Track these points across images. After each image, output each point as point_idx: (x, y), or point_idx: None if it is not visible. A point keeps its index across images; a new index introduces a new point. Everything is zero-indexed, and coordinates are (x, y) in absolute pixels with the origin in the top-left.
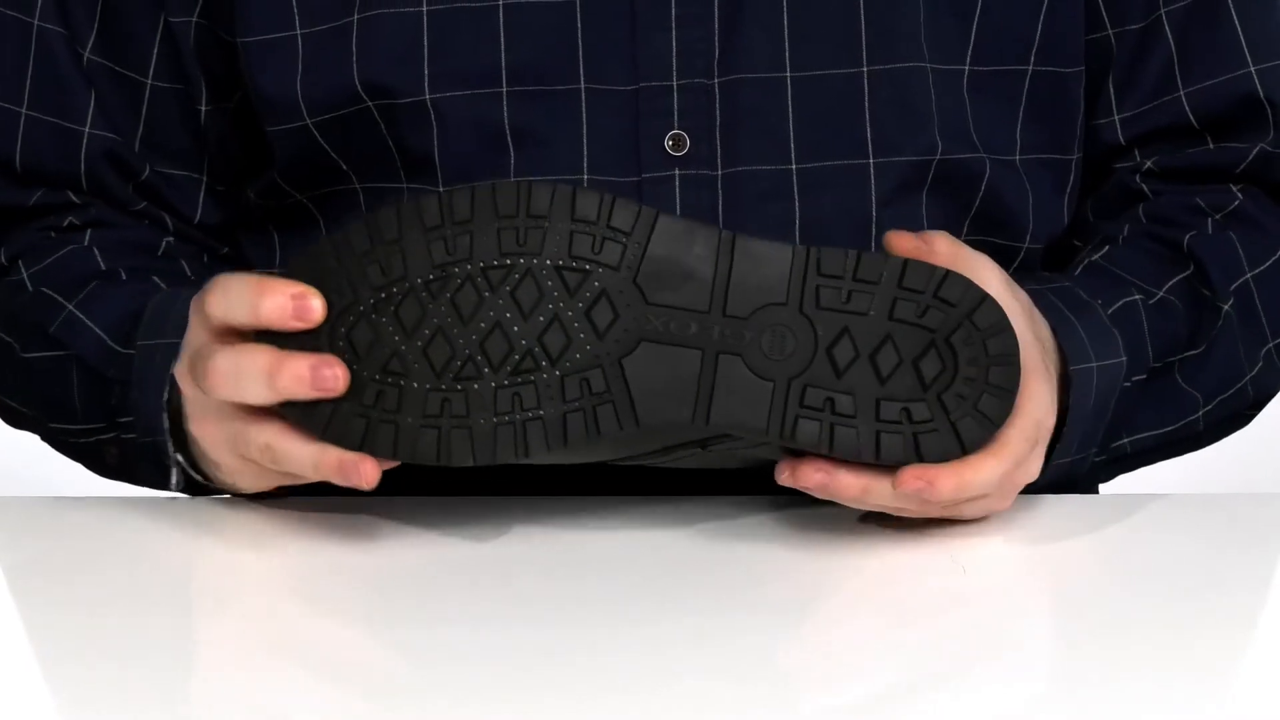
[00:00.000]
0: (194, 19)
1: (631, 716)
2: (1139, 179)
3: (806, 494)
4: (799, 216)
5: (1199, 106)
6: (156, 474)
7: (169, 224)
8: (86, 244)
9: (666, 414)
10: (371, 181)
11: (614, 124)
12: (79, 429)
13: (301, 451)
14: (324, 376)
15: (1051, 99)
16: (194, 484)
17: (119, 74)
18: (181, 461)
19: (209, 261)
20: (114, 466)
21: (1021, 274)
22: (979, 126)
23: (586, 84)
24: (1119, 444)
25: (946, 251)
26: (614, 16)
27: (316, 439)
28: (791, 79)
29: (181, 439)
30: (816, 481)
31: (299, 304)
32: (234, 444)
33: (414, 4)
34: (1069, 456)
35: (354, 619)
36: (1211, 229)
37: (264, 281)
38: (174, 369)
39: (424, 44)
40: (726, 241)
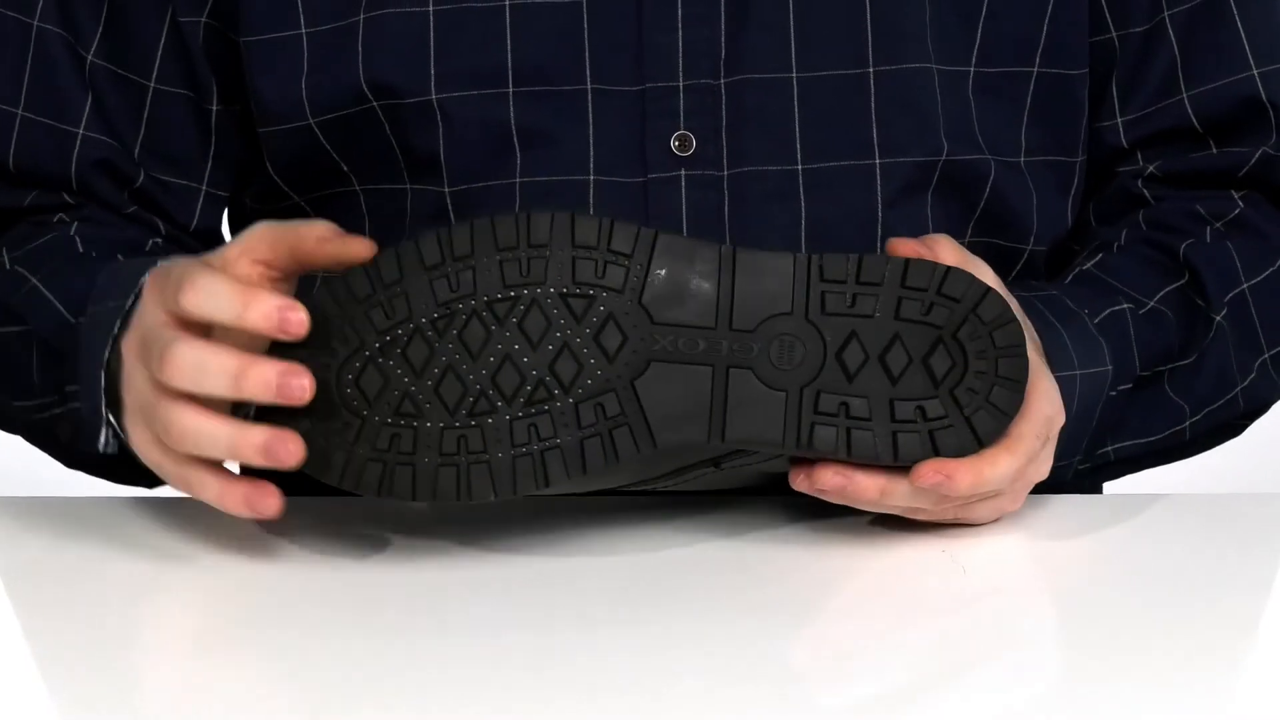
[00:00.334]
0: (203, 19)
1: (633, 716)
2: (1141, 184)
3: (814, 497)
4: (805, 217)
5: (1202, 109)
6: (99, 441)
7: (160, 228)
8: (71, 233)
9: (682, 432)
10: (373, 183)
11: (620, 124)
12: (35, 404)
13: (218, 430)
14: (291, 386)
15: (1056, 101)
16: (126, 459)
17: (121, 76)
18: (113, 422)
19: None
20: (66, 445)
21: (1013, 282)
22: (984, 128)
23: (593, 84)
24: (1103, 451)
25: (949, 255)
26: (620, 17)
27: (335, 483)
28: (797, 79)
29: (116, 404)
30: (834, 485)
31: (284, 315)
32: (149, 419)
33: (420, 4)
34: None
35: (354, 618)
36: (1210, 237)
37: (241, 291)
38: (123, 339)
39: (430, 44)
40: (728, 256)
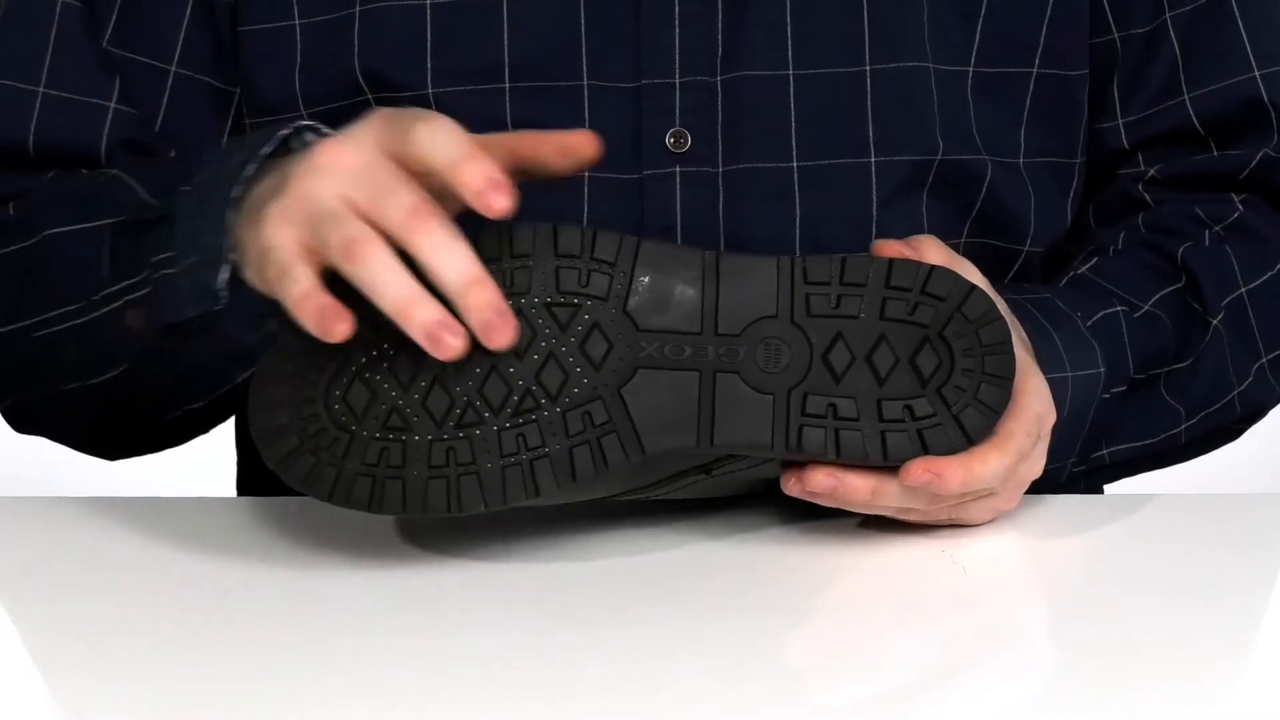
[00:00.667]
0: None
1: (630, 717)
2: (1141, 187)
3: (807, 502)
4: (799, 215)
5: (1203, 111)
6: (194, 301)
7: None
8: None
9: (671, 438)
10: None
11: (616, 121)
12: (101, 297)
13: (400, 281)
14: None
15: (1055, 102)
16: (235, 301)
17: (138, 62)
18: (235, 259)
19: None
20: (131, 338)
21: (1008, 284)
22: (982, 128)
23: (589, 80)
24: (1098, 454)
25: (935, 256)
26: (618, 13)
27: (325, 499)
28: (794, 77)
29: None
30: (825, 486)
31: (493, 189)
32: (315, 218)
33: None
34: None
35: (355, 620)
36: (1209, 241)
37: (476, 146)
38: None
39: (427, 38)
40: (710, 261)
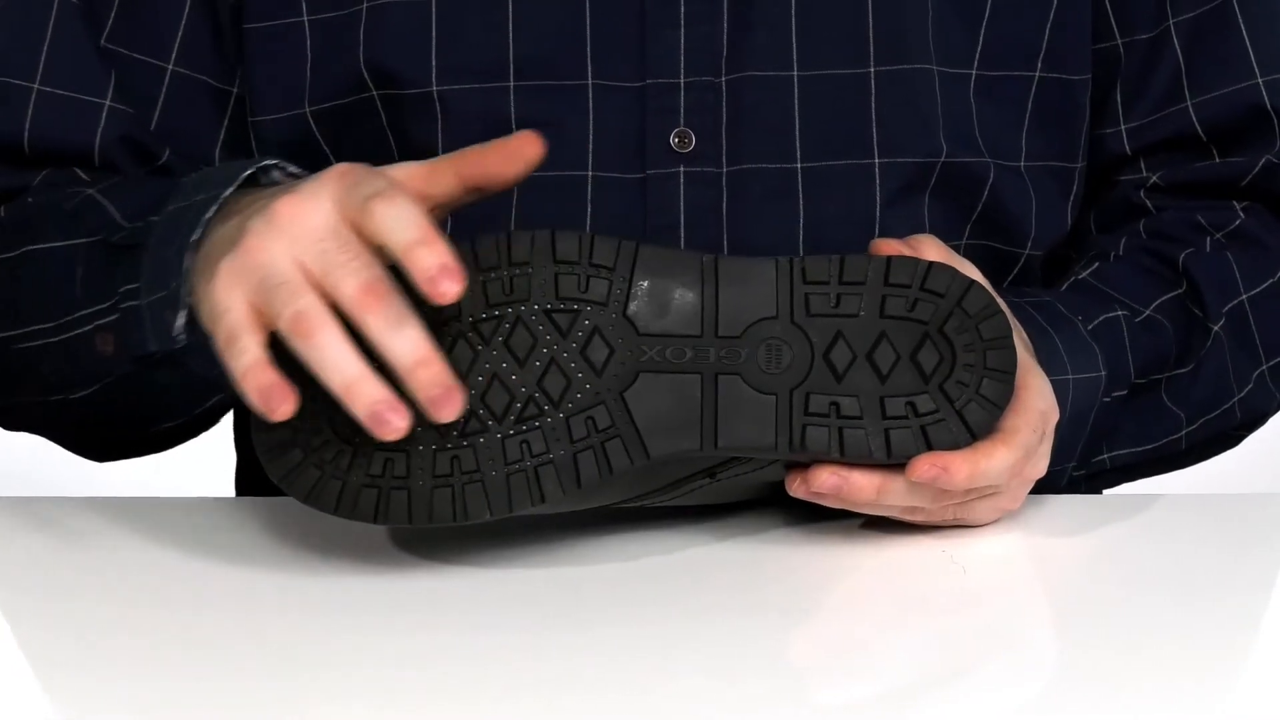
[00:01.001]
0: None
1: (636, 716)
2: (1143, 194)
3: (811, 504)
4: (802, 216)
5: (1206, 117)
6: (155, 337)
7: None
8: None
9: (675, 441)
10: None
11: (620, 120)
12: (74, 319)
13: (348, 361)
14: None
15: (1058, 106)
16: (195, 339)
17: (136, 60)
18: (192, 303)
19: None
20: (104, 363)
21: (1008, 288)
22: (985, 131)
23: (594, 79)
24: (1098, 459)
25: (933, 254)
26: (623, 13)
27: (331, 512)
28: (798, 78)
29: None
30: (830, 486)
31: (444, 275)
32: (269, 285)
33: None
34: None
35: (354, 619)
36: (1210, 248)
37: (432, 230)
38: (217, 224)
39: (432, 35)
40: (709, 265)
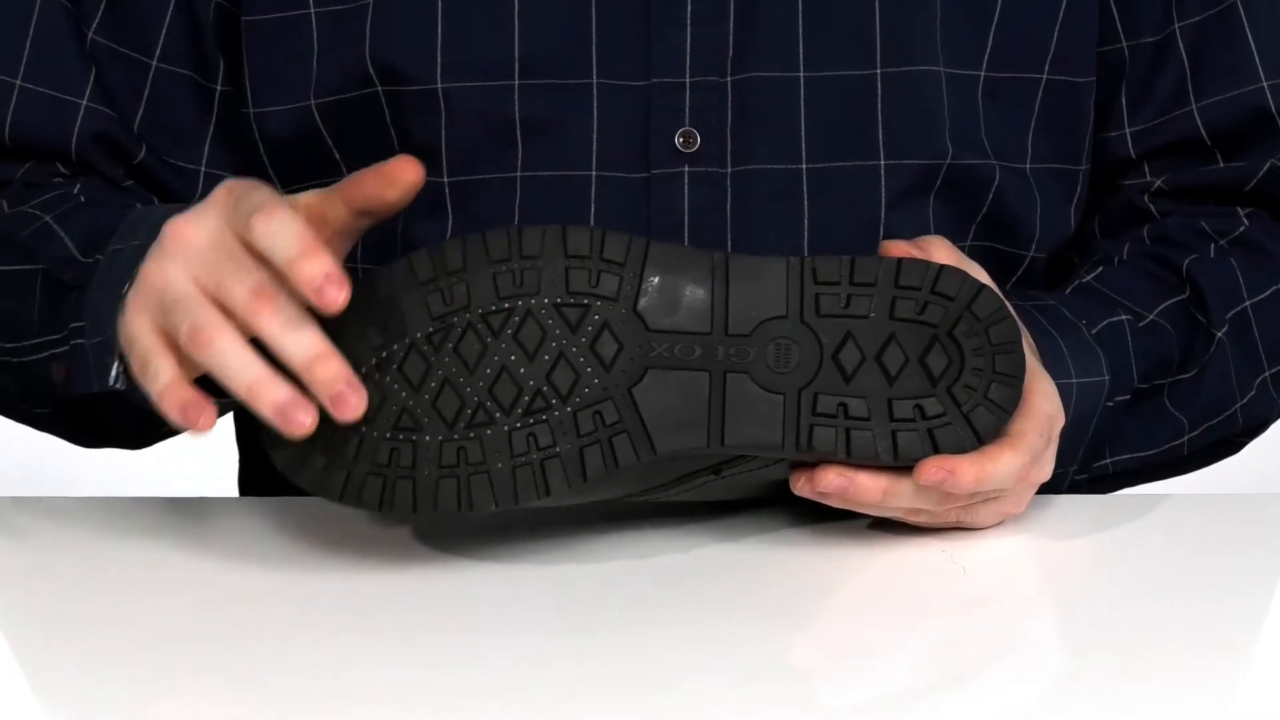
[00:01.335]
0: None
1: (639, 717)
2: (1147, 198)
3: (816, 504)
4: (807, 217)
5: (1211, 121)
6: (98, 378)
7: (157, 203)
8: (74, 190)
9: (681, 438)
10: None
11: (625, 120)
12: (31, 344)
13: (247, 364)
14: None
15: (1063, 109)
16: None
17: (123, 54)
18: (124, 352)
19: None
20: (55, 387)
21: (1012, 291)
22: (991, 133)
23: (599, 79)
24: (1101, 463)
25: (943, 256)
26: (629, 12)
27: (335, 501)
28: (804, 79)
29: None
30: (836, 486)
31: (326, 284)
32: (169, 308)
33: None
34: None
35: (357, 621)
36: (1214, 254)
37: (312, 241)
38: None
39: (438, 32)
40: (720, 262)
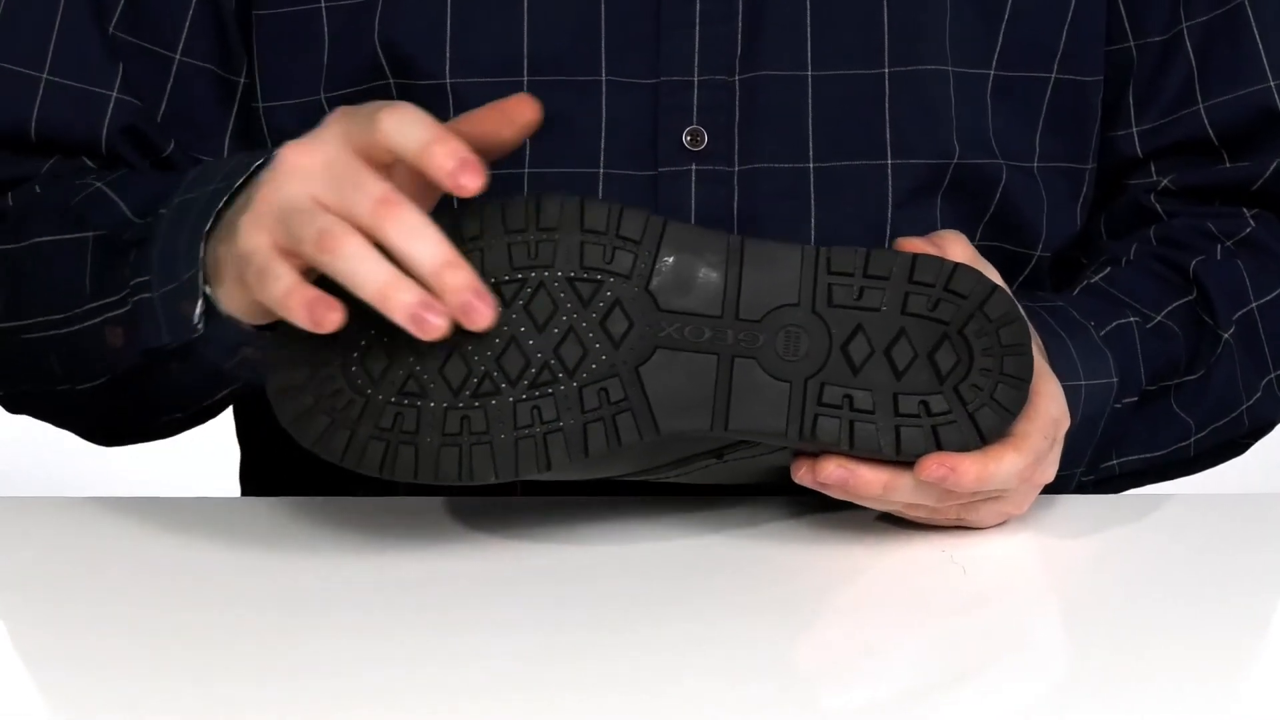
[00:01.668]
0: None
1: (635, 715)
2: (1153, 198)
3: (818, 494)
4: (814, 215)
5: (1217, 121)
6: (169, 329)
7: None
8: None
9: (685, 420)
10: None
11: (633, 117)
12: (84, 311)
13: (378, 266)
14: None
15: (1071, 108)
16: (211, 330)
17: (145, 49)
18: (209, 294)
19: None
20: (112, 358)
21: (1019, 291)
22: (999, 132)
23: (608, 76)
24: (1108, 465)
25: (959, 253)
26: (638, 10)
27: (338, 462)
28: (812, 78)
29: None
30: (837, 478)
31: (464, 167)
32: (286, 218)
33: None
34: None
35: (357, 618)
36: (1220, 255)
37: (444, 128)
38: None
39: (447, 26)
40: (736, 245)
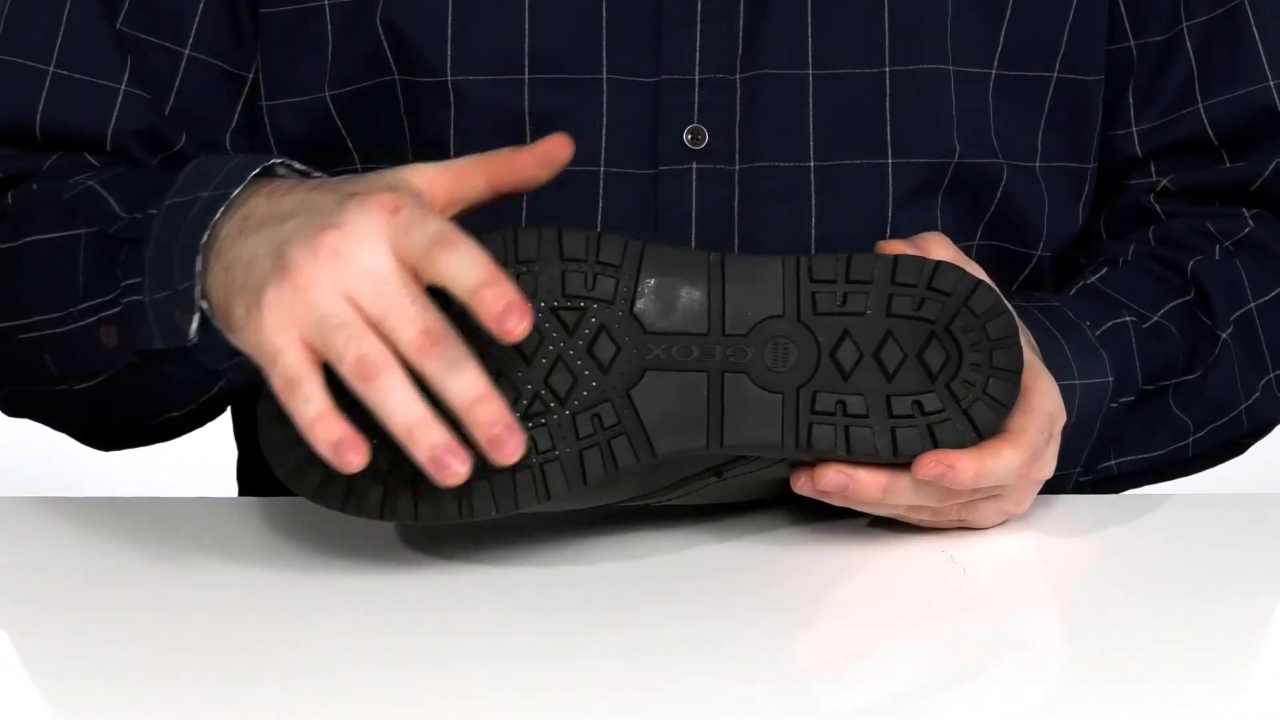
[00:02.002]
0: None
1: (640, 717)
2: (1153, 198)
3: (818, 503)
4: (814, 214)
5: (1217, 120)
6: (161, 334)
7: None
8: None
9: (681, 439)
10: (377, 163)
11: (633, 115)
12: (78, 310)
13: (412, 404)
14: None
15: (1072, 107)
16: (206, 341)
17: (153, 44)
18: (205, 307)
19: None
20: (107, 357)
21: (1017, 291)
22: (1000, 131)
23: (609, 74)
24: (1105, 465)
25: (940, 253)
26: (639, 8)
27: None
28: (813, 76)
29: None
30: (836, 484)
31: (509, 318)
32: (323, 325)
33: None
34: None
35: (355, 619)
36: (1219, 255)
37: (496, 270)
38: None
39: (448, 24)
40: (716, 263)
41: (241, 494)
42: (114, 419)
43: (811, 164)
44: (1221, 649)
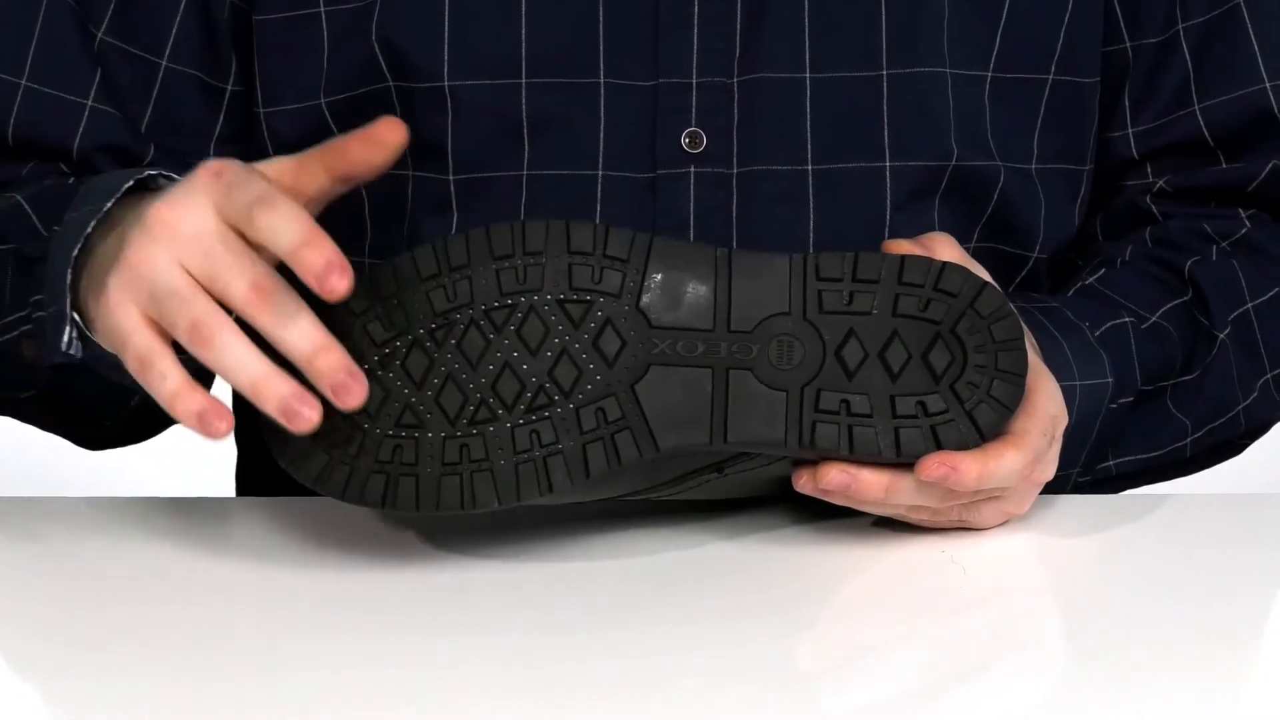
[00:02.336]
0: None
1: (640, 717)
2: (1149, 199)
3: (819, 502)
4: (812, 218)
5: (1213, 121)
6: (55, 350)
7: None
8: (68, 182)
9: (684, 435)
10: None
11: (631, 119)
12: (5, 324)
13: (252, 361)
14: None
15: (1068, 109)
16: (90, 353)
17: (132, 54)
18: (79, 320)
19: None
20: (30, 366)
21: (1015, 292)
22: (997, 134)
23: (606, 78)
24: (1104, 465)
25: (947, 253)
26: (637, 12)
27: (307, 483)
28: (811, 80)
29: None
30: (838, 483)
31: (330, 277)
32: (161, 297)
33: None
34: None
35: (356, 619)
36: (1216, 256)
37: (315, 229)
38: (104, 234)
39: (445, 28)
40: (723, 258)
41: (241, 494)
42: (67, 426)
43: (809, 167)
44: (1221, 649)
